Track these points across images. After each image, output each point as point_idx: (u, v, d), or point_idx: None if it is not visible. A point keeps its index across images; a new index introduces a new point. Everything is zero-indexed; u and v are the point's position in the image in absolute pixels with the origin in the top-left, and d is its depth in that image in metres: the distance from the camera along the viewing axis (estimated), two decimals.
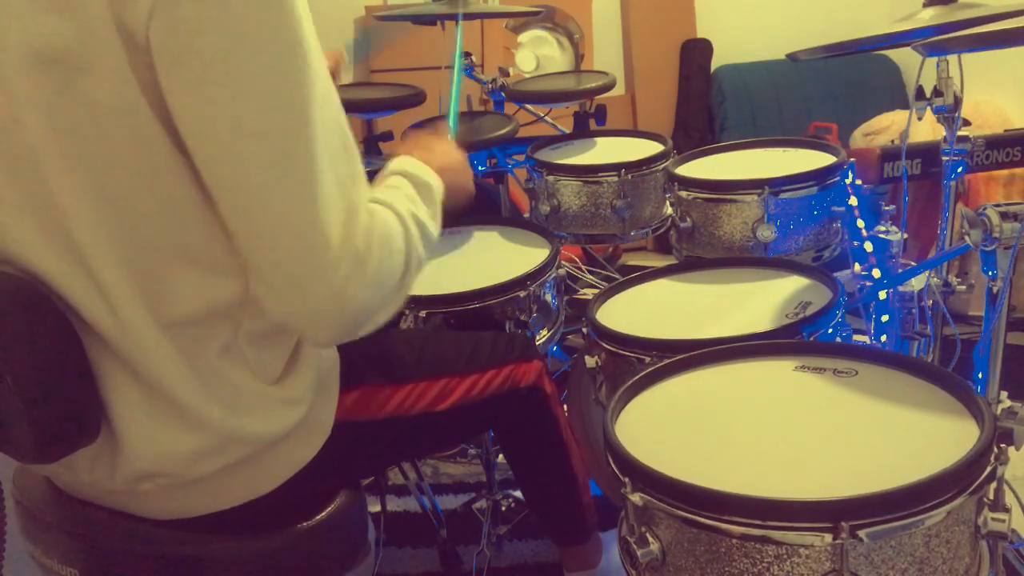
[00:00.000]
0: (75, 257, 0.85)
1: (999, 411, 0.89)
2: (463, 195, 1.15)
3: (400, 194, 0.97)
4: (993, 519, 0.80)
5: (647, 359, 1.15)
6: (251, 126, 0.78)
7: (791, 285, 1.36)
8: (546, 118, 2.50)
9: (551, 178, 1.83)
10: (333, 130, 0.83)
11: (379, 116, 2.53)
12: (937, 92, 1.47)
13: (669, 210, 1.77)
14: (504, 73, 2.32)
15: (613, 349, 1.21)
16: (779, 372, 1.04)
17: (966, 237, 1.08)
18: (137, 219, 0.84)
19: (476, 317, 1.42)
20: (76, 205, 0.83)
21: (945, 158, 1.58)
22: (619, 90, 3.61)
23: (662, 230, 1.85)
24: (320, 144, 0.81)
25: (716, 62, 3.61)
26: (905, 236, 1.60)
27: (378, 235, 0.87)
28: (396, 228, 0.91)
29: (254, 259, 0.84)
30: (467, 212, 1.24)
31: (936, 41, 1.24)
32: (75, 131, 0.81)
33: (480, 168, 2.29)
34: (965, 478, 0.77)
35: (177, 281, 0.87)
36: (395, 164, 1.04)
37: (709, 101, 3.59)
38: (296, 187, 0.80)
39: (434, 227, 1.00)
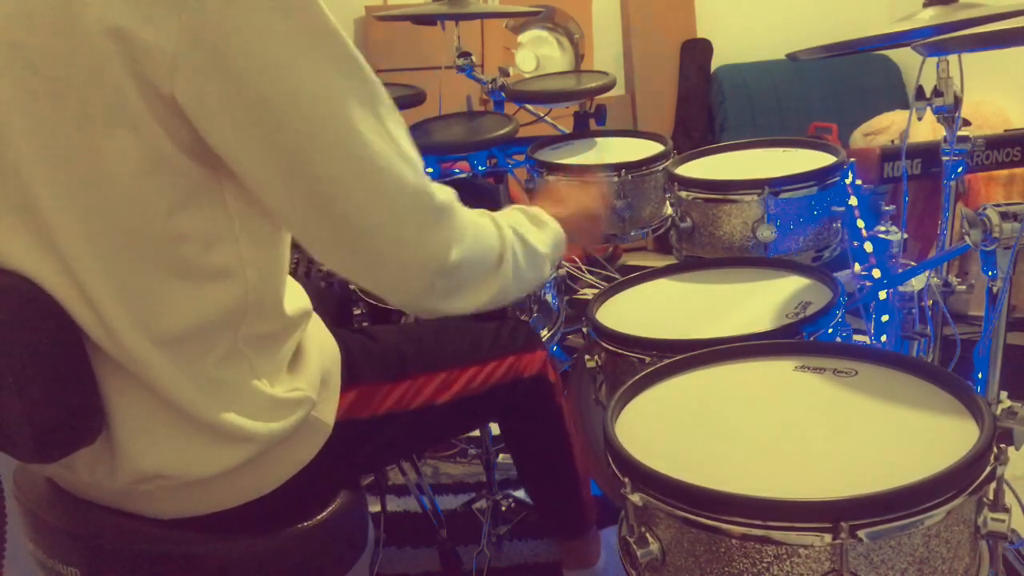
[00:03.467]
0: (68, 273, 0.84)
1: (999, 411, 0.89)
2: (590, 238, 1.22)
3: (502, 213, 1.04)
4: (993, 519, 0.80)
5: (647, 359, 1.15)
6: (312, 137, 0.81)
7: (791, 285, 1.36)
8: (546, 118, 2.50)
9: (551, 178, 1.83)
10: (386, 104, 0.86)
11: None
12: (937, 92, 1.47)
13: (669, 210, 1.77)
14: (504, 73, 2.32)
15: (613, 349, 1.21)
16: (779, 372, 1.04)
17: (966, 237, 1.08)
18: (125, 234, 0.83)
19: (476, 318, 1.42)
20: (62, 219, 0.82)
21: (945, 158, 1.58)
22: (619, 90, 3.61)
23: (662, 230, 1.85)
24: (370, 125, 0.83)
25: (716, 62, 3.61)
26: (905, 236, 1.60)
27: (461, 210, 0.93)
28: (486, 222, 0.98)
29: (338, 245, 0.87)
30: None
31: (936, 41, 1.24)
32: (61, 145, 0.80)
33: (480, 168, 2.29)
34: (965, 478, 0.77)
35: (170, 297, 0.86)
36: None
37: (709, 101, 3.59)
38: (368, 171, 0.84)
39: (543, 248, 1.06)
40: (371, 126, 0.83)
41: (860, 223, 1.59)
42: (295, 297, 0.99)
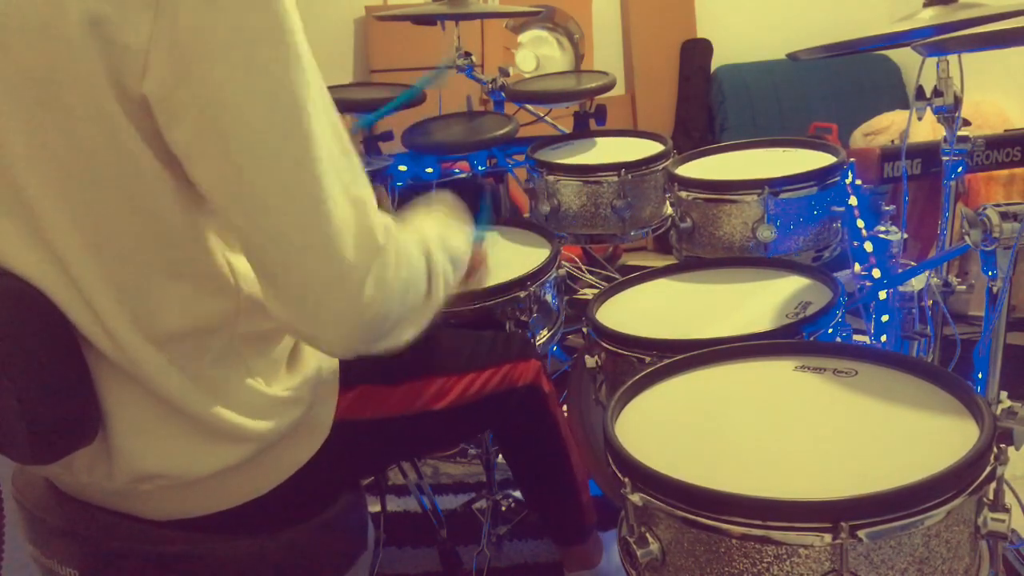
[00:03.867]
0: (64, 273, 0.84)
1: (999, 411, 0.89)
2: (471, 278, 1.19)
3: (426, 220, 1.00)
4: (993, 519, 0.80)
5: (647, 359, 1.15)
6: (252, 146, 0.77)
7: (791, 285, 1.36)
8: (546, 118, 2.50)
9: (551, 178, 1.83)
10: (331, 136, 0.82)
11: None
12: (937, 92, 1.47)
13: (669, 210, 1.77)
14: (504, 73, 2.32)
15: (613, 349, 1.21)
16: (779, 372, 1.04)
17: (966, 237, 1.08)
18: (119, 234, 0.83)
19: (476, 317, 1.42)
20: (57, 220, 0.82)
21: (945, 158, 1.58)
22: (619, 90, 3.61)
23: (662, 230, 1.85)
24: (323, 153, 0.79)
25: (716, 62, 3.61)
26: (905, 236, 1.60)
27: (395, 240, 0.86)
28: (415, 242, 0.91)
29: (266, 272, 0.82)
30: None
31: (936, 41, 1.24)
32: (52, 144, 0.79)
33: (480, 168, 2.29)
34: (965, 478, 0.77)
35: (165, 298, 0.86)
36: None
37: (709, 101, 3.59)
38: (304, 198, 0.79)
39: (464, 247, 1.03)
40: (327, 155, 0.80)
41: (860, 223, 1.59)
42: None
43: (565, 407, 1.71)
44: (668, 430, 0.95)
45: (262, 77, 0.76)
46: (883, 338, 1.61)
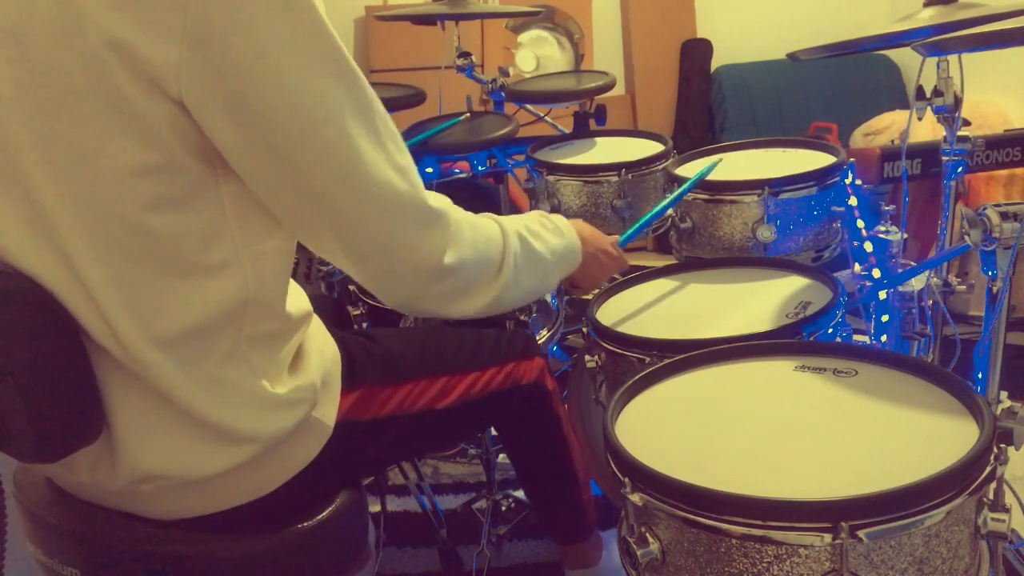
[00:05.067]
0: (71, 273, 0.85)
1: (999, 411, 0.89)
2: (594, 278, 1.28)
3: (517, 217, 1.07)
4: (993, 519, 0.80)
5: (647, 359, 1.15)
6: (297, 136, 0.83)
7: (791, 285, 1.36)
8: (546, 118, 2.50)
9: (551, 178, 1.83)
10: (376, 107, 0.89)
11: None
12: (937, 92, 1.47)
13: (669, 210, 1.77)
14: (504, 73, 2.32)
15: (613, 349, 1.21)
16: (779, 372, 1.04)
17: (966, 237, 1.08)
18: (126, 234, 0.83)
19: (475, 323, 1.42)
20: (65, 220, 0.83)
21: (945, 158, 1.58)
22: (619, 90, 3.61)
23: (662, 230, 1.85)
24: (378, 115, 0.87)
25: (716, 62, 3.61)
26: (905, 236, 1.60)
27: (449, 204, 0.94)
28: (491, 225, 1.00)
29: (342, 242, 0.89)
30: None
31: (936, 41, 1.24)
32: (62, 145, 0.80)
33: (480, 168, 2.29)
34: (965, 478, 0.77)
35: (172, 299, 0.86)
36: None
37: (709, 101, 3.59)
38: (351, 173, 0.86)
39: (548, 256, 1.08)
40: (364, 136, 0.86)
41: (860, 223, 1.59)
42: (296, 298, 1.00)
43: (565, 408, 1.71)
44: (668, 430, 0.95)
45: (293, 70, 0.80)
46: (883, 338, 1.61)
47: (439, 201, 0.93)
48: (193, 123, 0.81)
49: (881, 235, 1.58)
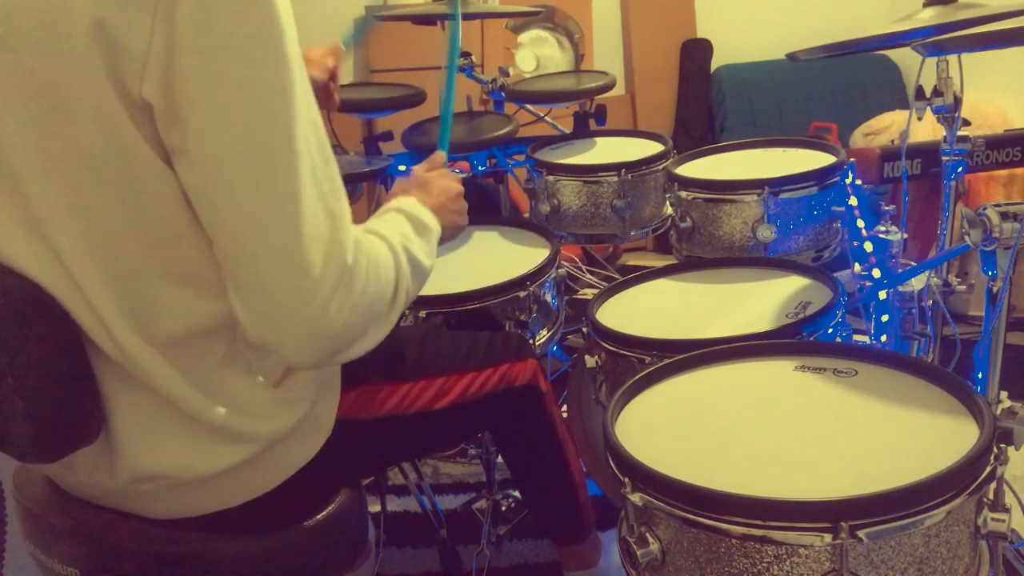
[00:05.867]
0: (67, 276, 0.84)
1: (999, 411, 0.89)
2: (456, 231, 1.16)
3: (394, 228, 0.98)
4: (993, 519, 0.80)
5: (647, 359, 1.15)
6: (235, 147, 0.77)
7: (791, 285, 1.36)
8: (546, 118, 2.50)
9: (551, 178, 1.83)
10: (314, 144, 0.82)
11: (379, 116, 2.53)
12: (937, 92, 1.47)
13: (669, 210, 1.77)
14: (504, 73, 2.32)
15: (613, 349, 1.21)
16: (779, 372, 1.04)
17: (966, 237, 1.08)
18: (121, 238, 0.83)
19: (476, 317, 1.42)
20: (59, 223, 0.82)
21: (945, 158, 1.58)
22: (619, 90, 3.61)
23: (662, 230, 1.85)
24: (303, 161, 0.79)
25: (716, 62, 3.61)
26: (905, 236, 1.60)
27: (365, 256, 0.86)
28: (385, 255, 0.91)
29: (235, 279, 0.82)
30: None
31: (936, 41, 1.24)
32: (54, 147, 0.80)
33: (480, 168, 2.29)
34: (965, 478, 0.77)
35: (167, 302, 0.86)
36: (392, 203, 1.04)
37: (709, 101, 3.59)
38: (280, 205, 0.79)
39: (428, 263, 1.00)
40: (308, 163, 0.80)
41: (860, 223, 1.59)
42: None
43: (565, 407, 1.71)
44: (668, 430, 0.95)
45: (249, 81, 0.77)
46: (883, 338, 1.61)
47: (354, 254, 0.84)
48: (154, 124, 0.78)
49: (881, 235, 1.58)
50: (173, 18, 0.74)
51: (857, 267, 1.61)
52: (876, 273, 1.58)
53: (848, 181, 1.57)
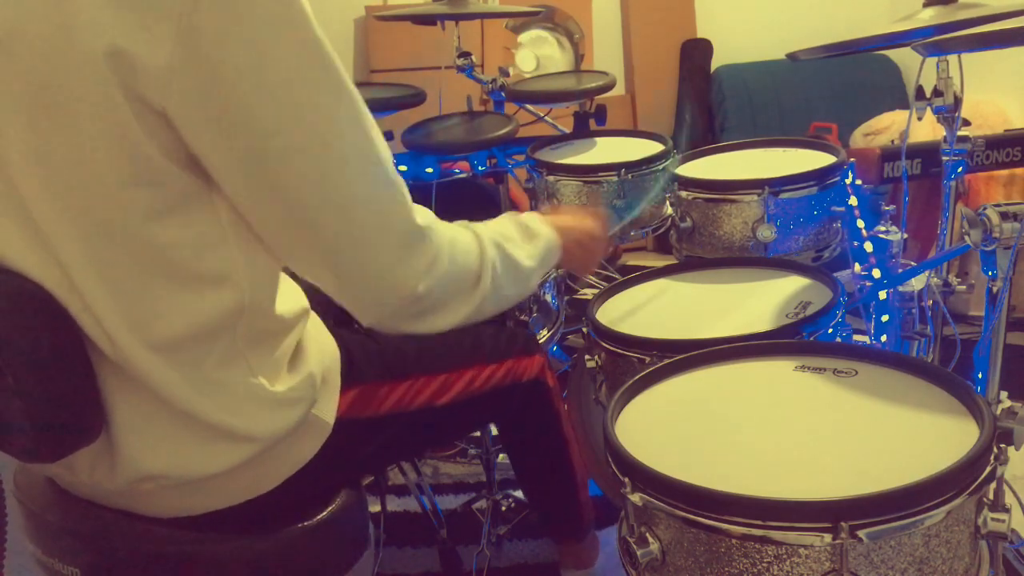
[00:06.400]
0: (67, 278, 0.84)
1: (999, 411, 0.89)
2: (582, 269, 1.22)
3: (492, 225, 1.02)
4: (993, 519, 0.80)
5: (647, 359, 1.15)
6: (317, 132, 0.81)
7: (791, 285, 1.36)
8: (546, 118, 2.50)
9: (551, 178, 1.83)
10: (366, 129, 0.86)
11: (379, 116, 2.51)
12: (937, 92, 1.47)
13: (669, 210, 1.77)
14: (504, 73, 2.32)
15: (613, 349, 1.21)
16: (779, 372, 1.04)
17: (966, 237, 1.08)
18: (120, 241, 0.83)
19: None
20: (57, 226, 0.82)
21: (945, 158, 1.58)
22: (619, 90, 3.61)
23: (662, 230, 1.85)
24: (373, 126, 0.85)
25: (716, 62, 3.61)
26: (905, 236, 1.60)
27: (436, 222, 0.92)
28: (467, 237, 0.96)
29: (335, 255, 0.86)
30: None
31: (936, 41, 1.24)
32: (53, 150, 0.79)
33: (480, 168, 2.29)
34: (965, 478, 0.77)
35: (166, 305, 0.86)
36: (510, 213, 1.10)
37: (709, 101, 3.59)
38: (339, 194, 0.83)
39: (528, 264, 1.04)
40: (359, 156, 0.83)
41: (860, 223, 1.59)
42: (292, 296, 0.99)
43: (565, 407, 1.71)
44: (668, 430, 0.95)
45: (289, 85, 0.78)
46: (883, 338, 1.61)
47: (425, 218, 0.91)
48: (176, 134, 0.79)
49: (881, 235, 1.58)
50: (199, 38, 0.74)
51: (857, 267, 1.61)
52: (876, 273, 1.58)
53: (848, 181, 1.57)
